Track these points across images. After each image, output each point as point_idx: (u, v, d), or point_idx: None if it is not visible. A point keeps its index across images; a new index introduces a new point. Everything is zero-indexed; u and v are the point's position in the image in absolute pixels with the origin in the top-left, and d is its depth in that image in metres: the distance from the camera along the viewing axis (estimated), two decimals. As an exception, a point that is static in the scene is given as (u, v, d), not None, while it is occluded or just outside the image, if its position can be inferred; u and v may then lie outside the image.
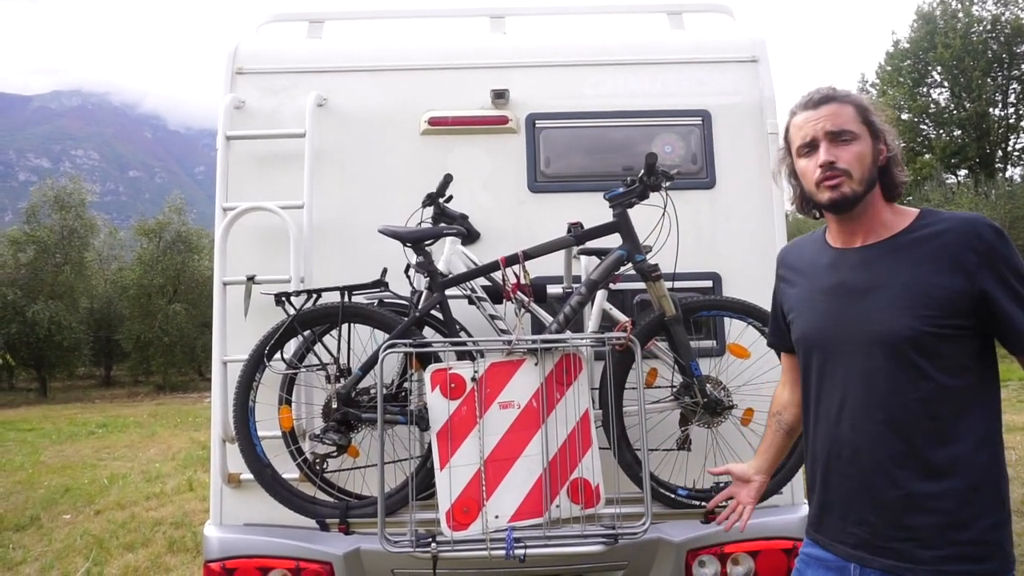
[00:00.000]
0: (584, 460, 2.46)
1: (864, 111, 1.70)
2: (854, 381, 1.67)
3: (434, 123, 3.04)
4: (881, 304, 1.64)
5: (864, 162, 1.68)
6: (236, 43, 3.19)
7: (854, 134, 1.68)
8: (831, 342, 1.73)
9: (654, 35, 3.30)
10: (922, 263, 1.61)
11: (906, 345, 1.59)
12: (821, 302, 1.77)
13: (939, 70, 32.57)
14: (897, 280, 1.63)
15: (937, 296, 1.57)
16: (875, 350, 1.63)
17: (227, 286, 2.86)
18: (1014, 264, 1.57)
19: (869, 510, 1.65)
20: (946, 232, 1.62)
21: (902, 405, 1.60)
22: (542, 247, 2.60)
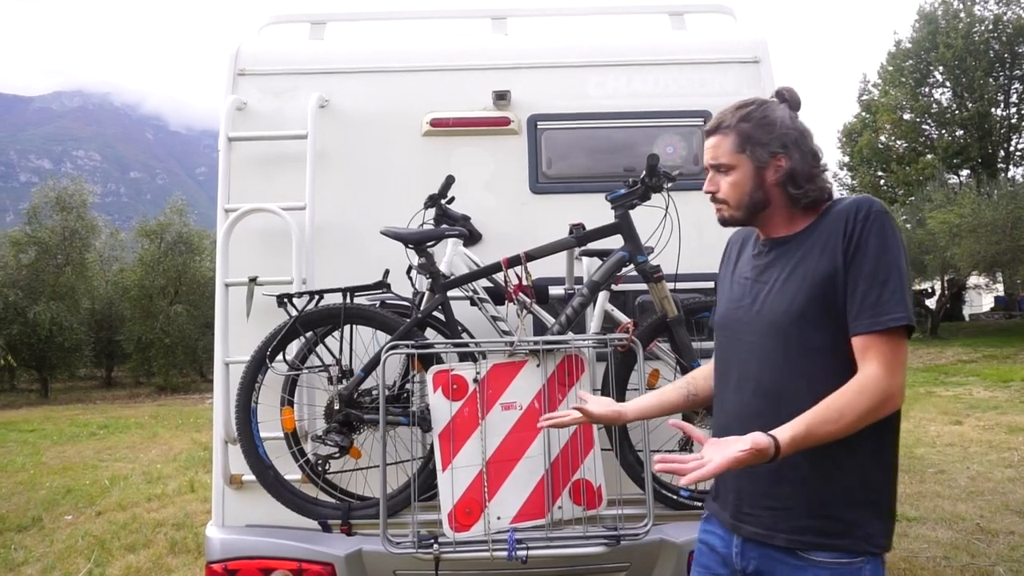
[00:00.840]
0: (586, 461, 2.46)
1: (746, 139, 1.76)
2: (745, 359, 1.77)
3: (436, 124, 3.05)
4: (773, 288, 1.74)
5: (740, 190, 1.77)
6: (238, 45, 3.19)
7: (729, 165, 1.78)
8: (733, 324, 1.84)
9: (656, 36, 3.31)
10: (809, 249, 1.71)
11: (788, 325, 1.68)
12: (734, 287, 1.88)
13: (941, 70, 32.58)
14: (788, 265, 1.73)
15: (814, 279, 1.66)
16: (764, 330, 1.73)
17: (229, 287, 2.86)
18: (873, 246, 1.61)
19: (744, 477, 1.72)
20: (832, 216, 1.70)
21: (783, 382, 1.69)
22: (544, 248, 2.60)
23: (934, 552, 5.13)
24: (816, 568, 1.62)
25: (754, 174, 1.76)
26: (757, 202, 1.78)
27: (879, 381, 1.56)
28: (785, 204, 1.77)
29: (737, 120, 1.77)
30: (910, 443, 9.23)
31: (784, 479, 1.66)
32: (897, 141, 34.71)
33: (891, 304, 1.58)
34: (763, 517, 1.70)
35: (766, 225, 1.82)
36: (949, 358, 20.35)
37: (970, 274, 27.01)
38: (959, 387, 14.80)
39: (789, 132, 1.75)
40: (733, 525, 1.77)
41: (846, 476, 1.63)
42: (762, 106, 1.78)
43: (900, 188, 33.42)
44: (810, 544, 1.63)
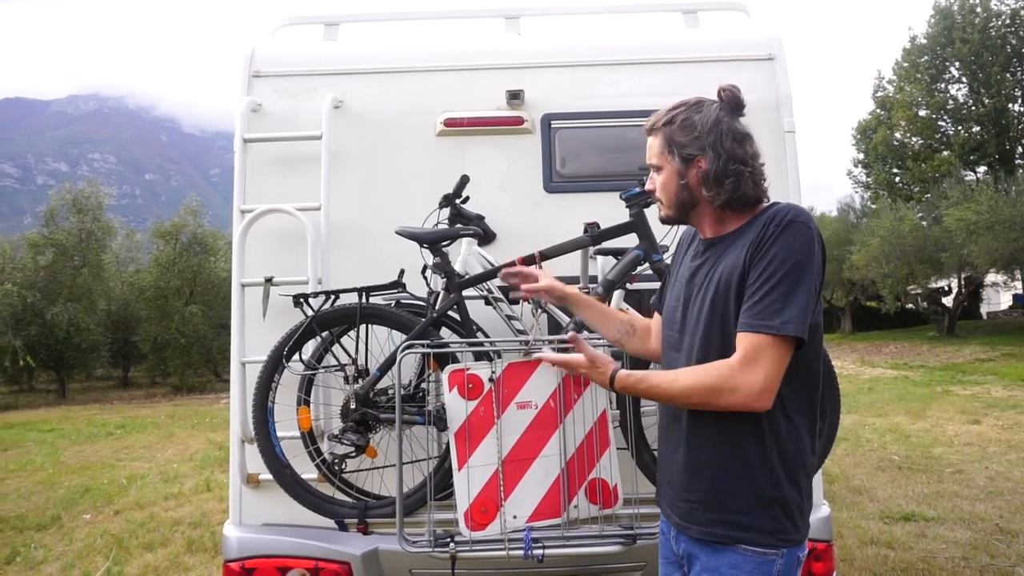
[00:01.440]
0: (602, 460, 2.46)
1: (669, 141, 1.83)
2: (678, 355, 1.86)
3: (450, 124, 3.05)
4: (701, 287, 1.82)
5: (668, 189, 1.87)
6: (253, 46, 3.20)
7: (658, 166, 1.88)
8: (671, 323, 1.92)
9: (669, 34, 3.30)
10: (730, 252, 1.77)
11: (708, 326, 1.76)
12: (675, 285, 1.96)
13: (957, 66, 32.23)
14: (714, 268, 1.80)
15: (729, 281, 1.72)
16: (693, 328, 1.81)
17: (245, 288, 2.88)
18: (775, 251, 1.65)
19: (672, 471, 1.86)
20: (757, 220, 1.75)
21: None
22: (558, 247, 2.60)
23: (952, 552, 5.08)
24: (732, 553, 1.70)
25: (678, 175, 1.84)
26: (684, 201, 1.86)
27: (729, 368, 1.63)
28: (710, 204, 1.82)
29: (663, 123, 1.85)
30: (927, 443, 9.16)
31: (698, 476, 1.77)
32: (912, 138, 34.41)
33: (769, 311, 1.62)
34: (683, 509, 1.82)
35: (700, 224, 1.90)
36: (967, 356, 20.18)
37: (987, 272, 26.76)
38: (977, 386, 14.66)
39: (708, 134, 1.79)
40: (666, 513, 1.92)
41: (751, 476, 1.70)
42: (691, 107, 1.83)
43: (916, 185, 33.14)
44: (720, 537, 1.72)
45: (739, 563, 1.69)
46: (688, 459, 1.79)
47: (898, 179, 35.14)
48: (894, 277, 25.24)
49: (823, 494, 2.96)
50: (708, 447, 1.75)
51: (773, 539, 1.69)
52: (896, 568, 4.79)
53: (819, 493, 2.91)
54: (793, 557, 1.72)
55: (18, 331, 20.32)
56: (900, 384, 15.54)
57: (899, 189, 34.26)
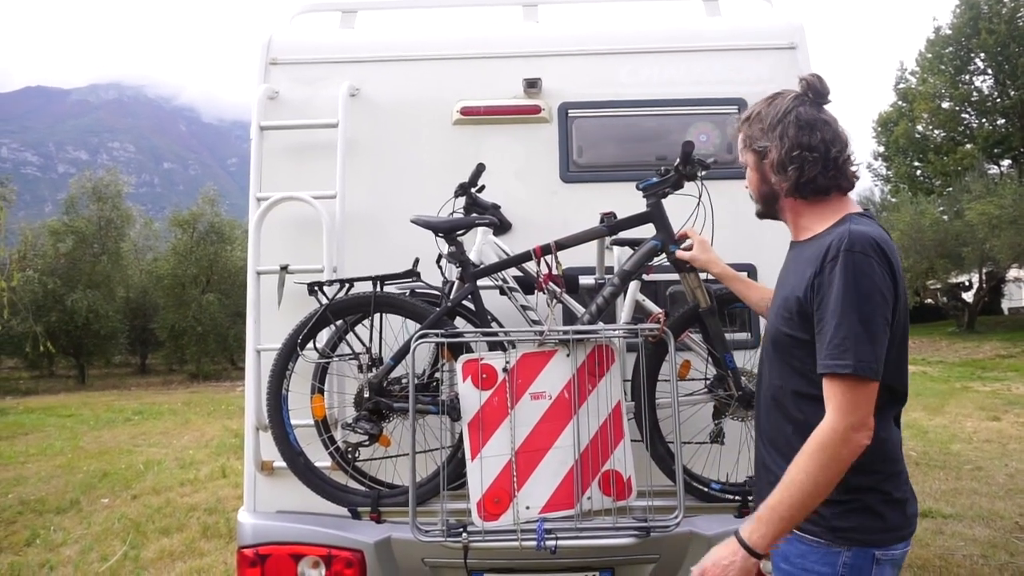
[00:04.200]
0: (616, 452, 2.44)
1: (747, 139, 1.93)
2: (761, 366, 1.96)
3: (466, 112, 3.03)
4: (777, 300, 1.91)
5: (752, 183, 1.96)
6: (270, 34, 3.19)
7: (745, 161, 1.97)
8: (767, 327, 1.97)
9: (689, 22, 3.25)
10: (798, 270, 1.80)
11: (776, 342, 1.84)
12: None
13: (982, 57, 31.73)
14: (785, 280, 1.89)
15: (792, 303, 1.77)
16: (767, 342, 1.91)
17: (261, 275, 2.88)
18: (839, 288, 1.64)
19: (762, 483, 1.89)
20: (824, 242, 1.73)
21: (778, 394, 1.84)
22: (575, 237, 2.58)
23: (971, 550, 5.02)
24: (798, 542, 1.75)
25: (757, 168, 1.92)
26: (766, 195, 1.93)
27: (830, 435, 1.61)
28: (783, 194, 1.89)
29: (741, 123, 1.96)
30: (945, 439, 9.06)
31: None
32: (935, 130, 33.97)
33: (841, 349, 1.62)
34: None
35: (783, 217, 1.96)
36: (987, 352, 19.96)
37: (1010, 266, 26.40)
38: (997, 382, 14.50)
39: (775, 125, 1.83)
40: None
41: None
42: (766, 101, 1.90)
43: (937, 179, 32.74)
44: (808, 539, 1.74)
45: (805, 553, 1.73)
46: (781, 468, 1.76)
47: (919, 172, 34.73)
48: (914, 272, 24.96)
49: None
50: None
51: (846, 540, 1.70)
52: (913, 565, 4.74)
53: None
54: (867, 557, 1.70)
55: (38, 317, 20.59)
56: (918, 380, 15.37)
57: (920, 182, 33.86)
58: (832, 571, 1.70)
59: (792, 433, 1.77)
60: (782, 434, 1.82)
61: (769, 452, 1.87)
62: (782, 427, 1.82)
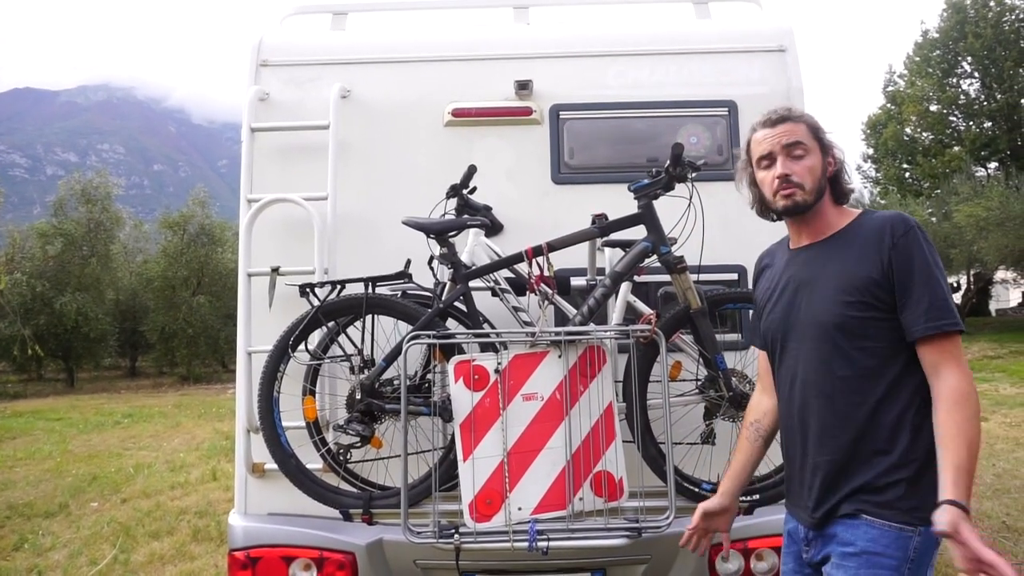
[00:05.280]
0: (607, 453, 2.44)
1: (815, 129, 1.95)
2: (799, 363, 1.93)
3: (458, 114, 3.04)
4: (817, 294, 1.89)
5: (815, 174, 1.92)
6: (260, 35, 3.19)
7: (807, 148, 1.93)
8: (784, 331, 1.97)
9: (679, 25, 3.27)
10: (849, 256, 1.85)
11: (833, 329, 1.83)
12: (776, 297, 2.02)
13: (969, 60, 31.92)
14: (829, 272, 1.88)
15: (857, 284, 1.80)
16: (813, 334, 1.88)
17: (252, 277, 2.88)
18: (919, 257, 1.77)
19: (811, 475, 1.90)
20: (870, 227, 1.86)
21: (832, 383, 1.84)
22: (566, 239, 2.58)
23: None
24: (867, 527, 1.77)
25: (822, 160, 1.94)
26: (822, 188, 1.93)
27: (964, 386, 1.71)
28: (829, 195, 1.96)
29: (801, 114, 1.97)
30: (934, 439, 9.10)
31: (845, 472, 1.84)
32: (923, 133, 34.15)
33: (945, 309, 1.75)
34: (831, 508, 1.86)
35: (808, 223, 1.97)
36: (975, 354, 20.04)
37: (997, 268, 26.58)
38: (985, 383, 14.54)
39: (831, 138, 1.98)
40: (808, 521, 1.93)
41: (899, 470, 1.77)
42: None
43: (926, 181, 32.90)
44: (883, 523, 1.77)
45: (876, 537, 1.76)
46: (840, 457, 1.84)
47: (908, 174, 34.90)
48: (903, 273, 25.07)
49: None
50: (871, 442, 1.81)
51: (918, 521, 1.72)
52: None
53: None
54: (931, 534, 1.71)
55: (27, 320, 20.43)
56: (908, 381, 15.42)
57: (909, 184, 34.04)
58: (904, 555, 1.72)
59: (851, 419, 1.81)
60: (836, 422, 1.83)
61: (822, 442, 1.86)
62: (836, 416, 1.83)
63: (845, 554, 1.78)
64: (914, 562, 1.73)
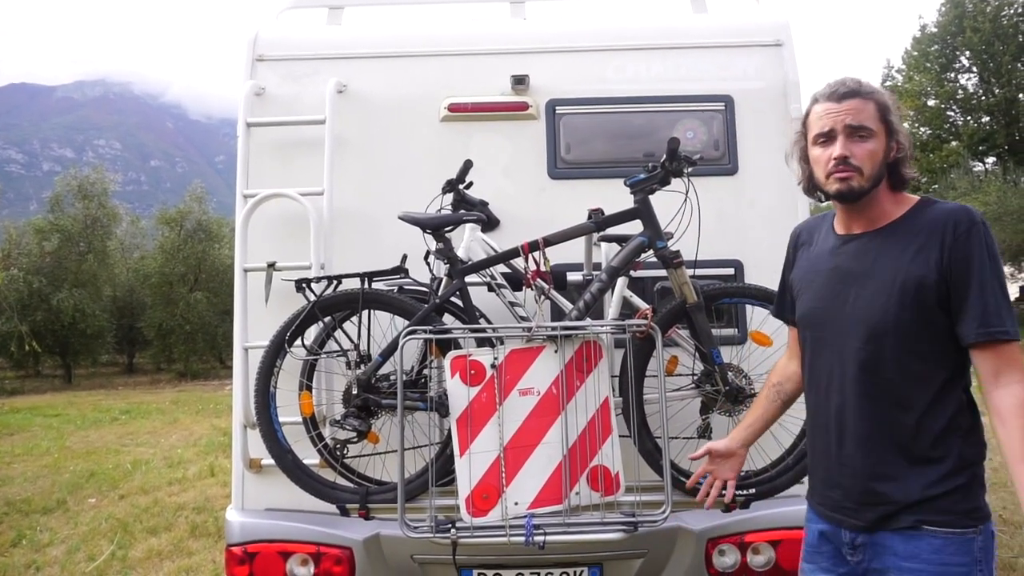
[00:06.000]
0: (604, 447, 2.45)
1: (885, 109, 1.78)
2: (841, 360, 1.82)
3: (454, 109, 3.03)
4: (866, 289, 1.78)
5: (876, 159, 1.77)
6: (256, 30, 3.18)
7: (871, 131, 1.77)
8: (824, 322, 1.86)
9: (676, 19, 3.27)
10: (903, 252, 1.74)
11: (884, 331, 1.73)
12: (820, 284, 1.89)
13: (967, 55, 31.96)
14: (881, 267, 1.76)
15: (912, 284, 1.70)
16: (858, 332, 1.77)
17: (248, 273, 2.88)
18: (979, 258, 1.67)
19: (846, 476, 1.82)
20: (928, 222, 1.74)
21: (879, 386, 1.75)
22: (562, 234, 2.58)
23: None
24: (930, 537, 1.70)
25: (886, 145, 1.79)
26: (879, 176, 1.79)
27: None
28: (887, 186, 1.82)
29: (873, 89, 1.79)
30: (931, 433, 9.13)
31: (886, 477, 1.78)
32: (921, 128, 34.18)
33: (1003, 316, 1.67)
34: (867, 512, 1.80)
35: (870, 204, 1.82)
36: (972, 348, 20.08)
37: (995, 263, 26.65)
38: (982, 377, 14.57)
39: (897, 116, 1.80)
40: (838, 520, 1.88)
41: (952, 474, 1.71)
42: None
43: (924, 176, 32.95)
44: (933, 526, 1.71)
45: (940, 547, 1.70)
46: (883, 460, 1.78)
47: (907, 169, 35.01)
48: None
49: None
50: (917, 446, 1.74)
51: (976, 522, 1.70)
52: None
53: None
54: (990, 531, 1.72)
55: (24, 317, 20.37)
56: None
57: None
58: (970, 559, 1.68)
59: (896, 421, 1.74)
60: (878, 424, 1.76)
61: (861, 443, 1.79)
62: (880, 418, 1.76)
63: (912, 569, 1.71)
64: (981, 561, 1.69)
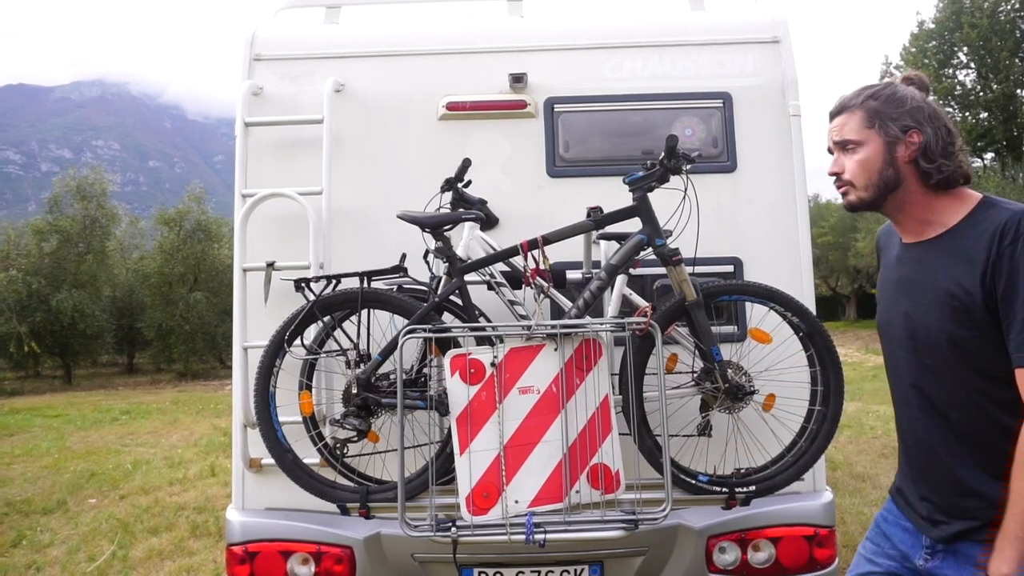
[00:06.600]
0: (604, 446, 2.44)
1: (874, 115, 1.76)
2: (910, 372, 1.83)
3: (452, 108, 3.03)
4: (922, 301, 1.76)
5: (868, 168, 1.77)
6: (253, 30, 3.18)
7: (857, 142, 1.78)
8: (893, 333, 1.88)
9: (674, 16, 3.26)
10: (954, 262, 1.69)
11: (942, 343, 1.71)
12: (889, 293, 1.91)
13: (965, 51, 31.97)
14: (935, 278, 1.73)
15: (961, 296, 1.66)
16: (922, 346, 1.77)
17: (247, 272, 2.88)
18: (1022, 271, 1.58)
19: (929, 489, 1.82)
20: (982, 227, 1.66)
21: (943, 399, 1.74)
22: (561, 232, 2.58)
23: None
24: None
25: (884, 150, 1.76)
26: (888, 180, 1.76)
27: None
28: (919, 183, 1.76)
29: (863, 99, 1.79)
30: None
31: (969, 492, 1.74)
32: (920, 123, 34.26)
33: None
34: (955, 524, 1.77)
35: (898, 214, 1.82)
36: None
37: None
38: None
39: (922, 107, 1.75)
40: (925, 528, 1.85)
41: None
42: (889, 85, 1.80)
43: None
44: None
45: None
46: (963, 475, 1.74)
47: (904, 165, 35.04)
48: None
49: (825, 480, 2.95)
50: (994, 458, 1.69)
51: None
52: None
53: (822, 479, 2.91)
54: None
55: (23, 317, 20.39)
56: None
57: (905, 176, 34.18)
58: None
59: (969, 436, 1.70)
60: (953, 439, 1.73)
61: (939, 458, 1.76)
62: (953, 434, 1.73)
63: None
64: None
